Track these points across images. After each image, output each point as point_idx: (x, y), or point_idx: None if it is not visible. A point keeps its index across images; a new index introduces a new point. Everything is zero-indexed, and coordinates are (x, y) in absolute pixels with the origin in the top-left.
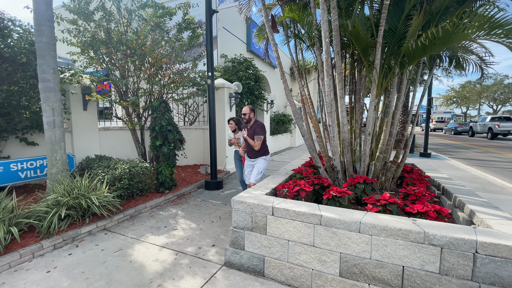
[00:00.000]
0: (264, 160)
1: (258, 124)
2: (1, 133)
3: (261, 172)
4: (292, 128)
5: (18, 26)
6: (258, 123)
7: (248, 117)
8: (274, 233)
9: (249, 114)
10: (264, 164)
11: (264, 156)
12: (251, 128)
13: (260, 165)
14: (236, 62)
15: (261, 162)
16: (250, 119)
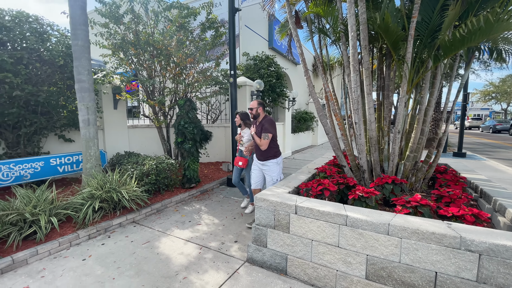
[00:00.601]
0: (276, 165)
1: (267, 120)
2: (42, 131)
3: (277, 180)
4: (314, 126)
5: (56, 30)
6: (267, 119)
7: (255, 112)
8: (297, 232)
9: (256, 108)
10: (276, 170)
11: (275, 159)
12: (259, 124)
13: (273, 173)
14: (257, 59)
15: (273, 169)
16: (258, 115)
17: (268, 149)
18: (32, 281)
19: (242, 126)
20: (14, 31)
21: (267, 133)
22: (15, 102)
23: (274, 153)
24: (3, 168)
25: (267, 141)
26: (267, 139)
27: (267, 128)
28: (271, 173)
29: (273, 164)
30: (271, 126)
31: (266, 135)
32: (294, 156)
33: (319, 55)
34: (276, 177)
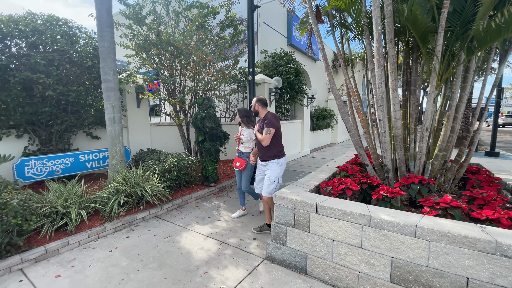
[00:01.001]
0: (277, 165)
1: (270, 115)
2: (72, 128)
3: (274, 182)
4: (334, 124)
5: (84, 33)
6: (270, 114)
7: (254, 109)
8: (318, 231)
9: (254, 105)
10: (277, 170)
11: (276, 159)
12: (261, 121)
13: (272, 172)
14: (276, 56)
15: (273, 168)
16: (257, 112)
17: (270, 147)
18: (63, 270)
19: (242, 124)
20: (45, 34)
21: (269, 127)
22: (47, 102)
23: (276, 152)
24: (37, 164)
25: (269, 136)
26: (268, 134)
27: (269, 122)
28: (271, 172)
29: (274, 165)
30: (273, 121)
31: (268, 129)
32: (313, 155)
33: (340, 50)
34: (274, 178)
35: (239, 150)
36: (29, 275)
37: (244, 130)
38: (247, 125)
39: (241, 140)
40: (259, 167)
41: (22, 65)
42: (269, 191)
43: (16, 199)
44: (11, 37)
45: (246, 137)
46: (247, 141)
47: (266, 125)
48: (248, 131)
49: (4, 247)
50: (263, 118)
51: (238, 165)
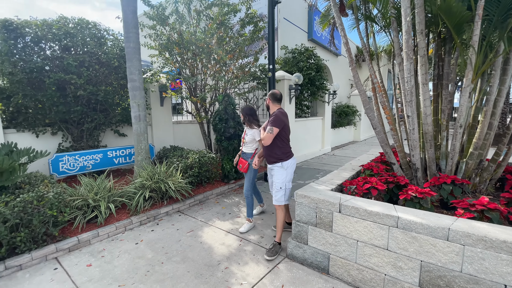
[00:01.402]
0: (281, 169)
1: (278, 112)
2: (100, 126)
3: (281, 188)
4: (357, 121)
5: (111, 34)
6: (278, 111)
7: (266, 102)
8: (341, 231)
9: (267, 100)
10: (282, 175)
11: (280, 163)
12: (270, 117)
13: (277, 178)
14: (296, 52)
15: (278, 173)
16: (268, 106)
17: (272, 148)
18: (94, 259)
19: (246, 123)
20: (76, 37)
21: (272, 126)
22: (79, 101)
23: (280, 154)
24: (70, 159)
25: (270, 136)
26: (270, 133)
27: (273, 121)
28: (275, 178)
29: (278, 169)
30: (279, 119)
31: (271, 128)
32: (334, 152)
33: (365, 44)
34: (280, 184)
35: (242, 150)
36: (63, 264)
37: (248, 129)
38: (249, 124)
39: (244, 140)
40: (268, 170)
41: (56, 67)
42: (277, 198)
43: (52, 192)
44: (46, 40)
45: (249, 137)
46: (250, 141)
47: (270, 123)
48: (252, 131)
49: (41, 237)
50: (271, 115)
51: (241, 167)
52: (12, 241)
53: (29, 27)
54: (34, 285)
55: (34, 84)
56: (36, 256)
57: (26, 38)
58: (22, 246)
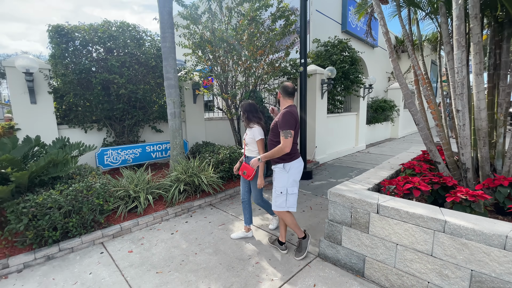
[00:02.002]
0: (282, 172)
1: (289, 109)
2: (140, 123)
3: (282, 193)
4: (394, 116)
5: (149, 35)
6: (289, 108)
7: (277, 97)
8: (379, 233)
9: (278, 94)
10: (282, 178)
11: (282, 164)
12: (279, 114)
13: (277, 182)
14: (329, 45)
15: (278, 176)
16: (278, 101)
17: (273, 147)
18: (134, 246)
19: (244, 122)
20: (119, 39)
21: (288, 130)
22: (120, 99)
23: (284, 155)
24: (113, 153)
25: (290, 140)
26: (289, 137)
27: (283, 123)
28: (276, 181)
29: (279, 170)
30: (289, 120)
31: (286, 132)
32: (369, 150)
33: (408, 32)
34: (280, 188)
35: (245, 154)
36: (108, 248)
37: (248, 129)
38: (247, 123)
39: (245, 142)
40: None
41: (101, 68)
42: (278, 204)
43: (99, 183)
44: (92, 43)
45: (249, 137)
46: (251, 143)
47: (282, 126)
48: (251, 130)
49: (89, 223)
50: (280, 113)
51: (245, 174)
52: (65, 226)
53: (78, 31)
54: (84, 267)
55: (82, 84)
56: (85, 240)
57: (76, 42)
58: (73, 231)
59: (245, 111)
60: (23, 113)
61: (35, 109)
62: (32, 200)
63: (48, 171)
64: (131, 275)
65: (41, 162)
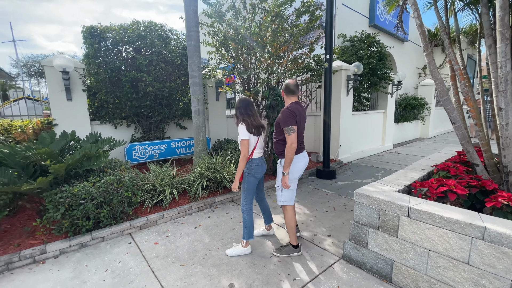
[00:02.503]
0: (281, 166)
1: (289, 107)
2: (165, 120)
3: (278, 187)
4: (425, 115)
5: (175, 34)
6: (290, 106)
7: (282, 96)
8: (409, 237)
9: (282, 92)
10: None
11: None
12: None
13: (277, 176)
14: (356, 40)
15: (279, 170)
16: (282, 99)
17: (278, 144)
18: (160, 238)
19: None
20: (146, 39)
21: (288, 126)
22: (148, 97)
23: (283, 150)
24: (141, 148)
25: (294, 135)
26: (292, 133)
27: (281, 121)
28: (278, 175)
29: (280, 166)
30: (286, 118)
31: (288, 129)
32: (397, 150)
33: (444, 25)
34: (278, 182)
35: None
36: (136, 239)
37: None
38: (236, 120)
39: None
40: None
41: (130, 66)
42: (283, 198)
43: (128, 176)
44: (122, 43)
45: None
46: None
47: (281, 124)
48: (238, 129)
49: (118, 214)
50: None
51: None
52: (97, 216)
53: (110, 32)
54: (114, 256)
55: (113, 82)
56: (115, 231)
57: (107, 42)
58: (104, 221)
59: (237, 107)
60: (59, 109)
61: (71, 105)
62: (68, 191)
63: (82, 164)
64: (157, 266)
65: (76, 156)
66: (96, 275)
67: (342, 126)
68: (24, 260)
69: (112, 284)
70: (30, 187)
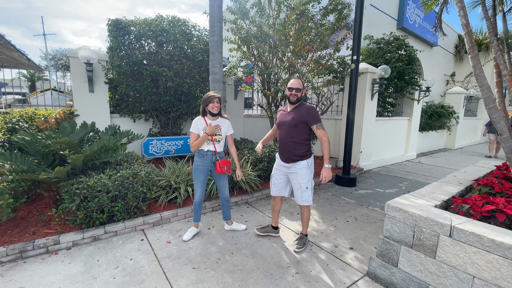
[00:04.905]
0: (307, 168)
1: (310, 107)
2: (183, 116)
3: (307, 188)
4: (452, 124)
5: (197, 30)
6: (308, 105)
7: (301, 95)
8: (449, 260)
9: (302, 90)
10: (307, 174)
11: (306, 161)
12: (296, 111)
13: (302, 179)
14: (383, 42)
15: (304, 173)
16: (301, 98)
17: (299, 145)
18: (172, 237)
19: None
20: (169, 33)
21: (320, 121)
22: (167, 92)
23: (306, 150)
24: (157, 143)
25: (326, 132)
26: (324, 129)
27: (314, 116)
28: (300, 179)
29: (304, 168)
30: (317, 113)
31: (321, 124)
32: (420, 160)
33: (492, 25)
34: (306, 184)
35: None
36: (148, 236)
37: (219, 121)
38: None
39: (219, 137)
40: (279, 167)
41: (152, 61)
42: (304, 199)
43: (144, 171)
44: (145, 37)
45: (223, 131)
46: (223, 137)
47: (315, 120)
48: (227, 122)
49: (132, 209)
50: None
51: (227, 169)
52: (111, 209)
53: (134, 25)
54: (126, 252)
55: (134, 75)
56: (128, 226)
57: (131, 36)
58: (118, 215)
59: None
60: (81, 100)
61: (92, 97)
62: (84, 182)
63: (100, 156)
64: (169, 267)
65: (95, 147)
66: (107, 271)
67: (364, 132)
68: (38, 250)
69: (123, 283)
70: (48, 176)
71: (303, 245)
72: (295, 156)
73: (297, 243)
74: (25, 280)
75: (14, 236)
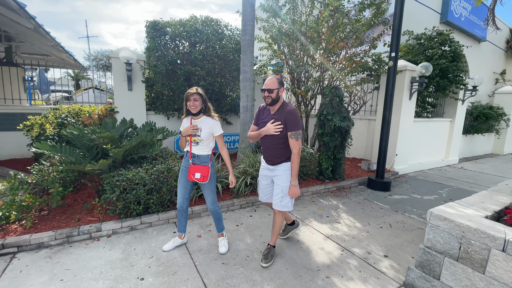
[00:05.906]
0: (288, 170)
1: (291, 110)
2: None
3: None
4: (501, 127)
5: (229, 30)
6: (290, 108)
7: (275, 95)
8: (502, 277)
9: (277, 90)
10: (289, 177)
11: (288, 162)
12: (279, 113)
13: (284, 182)
14: (423, 38)
15: (287, 175)
16: (278, 99)
17: (283, 147)
18: (203, 232)
19: (201, 113)
20: (202, 33)
21: (298, 130)
22: None
23: (287, 152)
24: None
25: (300, 143)
26: (300, 139)
27: (293, 122)
28: (282, 181)
29: (287, 171)
30: (298, 119)
31: (297, 133)
32: (463, 165)
33: None
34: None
35: (192, 153)
36: None
37: (201, 121)
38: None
39: (197, 139)
40: (264, 171)
41: (185, 60)
42: (284, 204)
43: (177, 166)
44: (180, 37)
45: (206, 132)
46: (206, 138)
47: (292, 127)
48: (212, 122)
49: (166, 202)
50: (280, 110)
51: (199, 177)
52: (147, 202)
53: (169, 26)
54: (160, 242)
55: (169, 75)
56: (162, 218)
57: (166, 37)
58: (153, 208)
59: (204, 102)
60: (121, 98)
61: (131, 95)
62: (124, 175)
63: (137, 150)
64: (199, 260)
65: (133, 142)
66: (142, 260)
67: (400, 134)
68: (82, 235)
69: (157, 272)
70: (93, 167)
71: (271, 259)
72: (277, 158)
73: (264, 257)
74: (70, 263)
75: (61, 221)
